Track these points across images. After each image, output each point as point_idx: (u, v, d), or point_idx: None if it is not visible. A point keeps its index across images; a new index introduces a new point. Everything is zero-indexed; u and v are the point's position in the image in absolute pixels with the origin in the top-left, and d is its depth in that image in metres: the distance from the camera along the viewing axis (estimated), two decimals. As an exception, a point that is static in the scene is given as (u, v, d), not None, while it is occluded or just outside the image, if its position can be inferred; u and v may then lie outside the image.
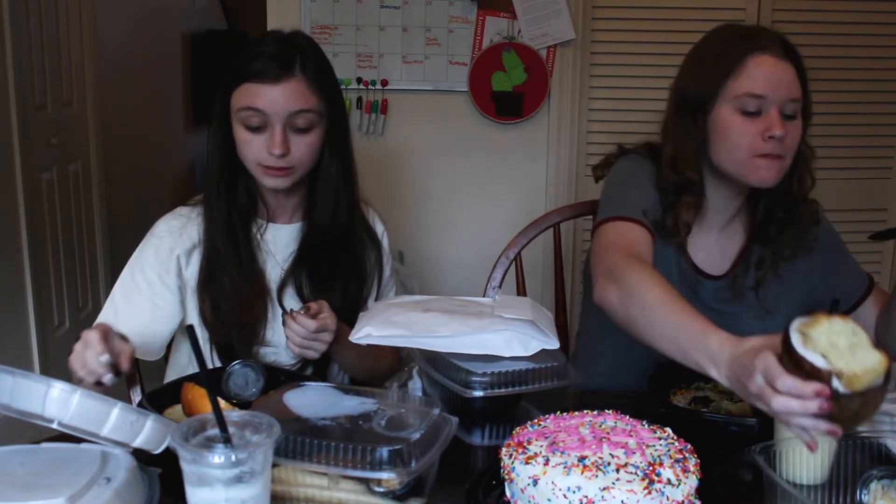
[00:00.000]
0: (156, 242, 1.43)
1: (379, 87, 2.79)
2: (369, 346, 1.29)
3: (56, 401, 0.89)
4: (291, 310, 1.32)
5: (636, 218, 1.36)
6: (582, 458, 0.87)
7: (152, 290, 1.40)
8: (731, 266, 1.48)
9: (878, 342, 1.51)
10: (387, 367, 1.48)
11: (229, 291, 1.40)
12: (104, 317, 1.40)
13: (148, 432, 0.93)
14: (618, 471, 0.85)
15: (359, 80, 2.78)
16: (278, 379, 1.20)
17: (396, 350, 1.53)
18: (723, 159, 1.38)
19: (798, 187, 1.43)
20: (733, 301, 1.46)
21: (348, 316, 1.40)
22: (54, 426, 0.90)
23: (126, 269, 1.44)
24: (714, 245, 1.48)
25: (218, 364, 1.39)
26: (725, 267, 1.48)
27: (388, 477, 0.90)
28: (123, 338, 1.18)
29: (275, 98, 1.31)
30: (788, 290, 1.49)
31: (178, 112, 5.23)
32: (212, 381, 0.95)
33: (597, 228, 1.40)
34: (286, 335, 1.31)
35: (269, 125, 1.33)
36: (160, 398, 1.16)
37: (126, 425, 0.92)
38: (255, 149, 1.35)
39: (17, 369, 0.91)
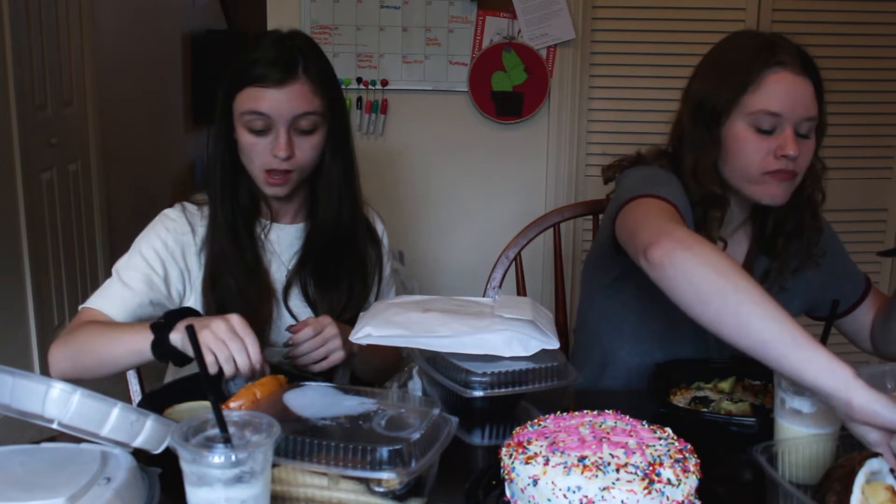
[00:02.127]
0: (167, 228, 1.41)
1: (379, 87, 2.79)
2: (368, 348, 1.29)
3: (56, 401, 0.89)
4: (284, 344, 1.32)
5: (677, 206, 1.27)
6: (582, 458, 0.87)
7: (153, 271, 1.38)
8: None
9: (874, 345, 1.51)
10: (392, 363, 1.49)
11: (235, 293, 1.39)
12: (103, 290, 1.38)
13: (148, 432, 0.93)
14: (618, 471, 0.85)
15: (359, 80, 2.78)
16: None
17: (397, 347, 1.53)
18: (733, 174, 1.37)
19: (808, 202, 1.42)
20: None
21: (353, 315, 1.40)
22: (54, 426, 0.90)
23: (132, 248, 1.41)
24: None
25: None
26: None
27: (388, 477, 0.90)
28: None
29: (279, 101, 1.31)
30: (791, 298, 1.48)
31: (178, 112, 5.24)
32: (211, 381, 0.95)
33: (630, 202, 1.29)
34: (303, 363, 1.30)
35: (274, 128, 1.33)
36: (160, 398, 1.17)
37: (126, 425, 0.91)
38: (259, 152, 1.35)
39: (17, 370, 0.91)
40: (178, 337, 1.15)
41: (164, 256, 1.39)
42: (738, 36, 1.41)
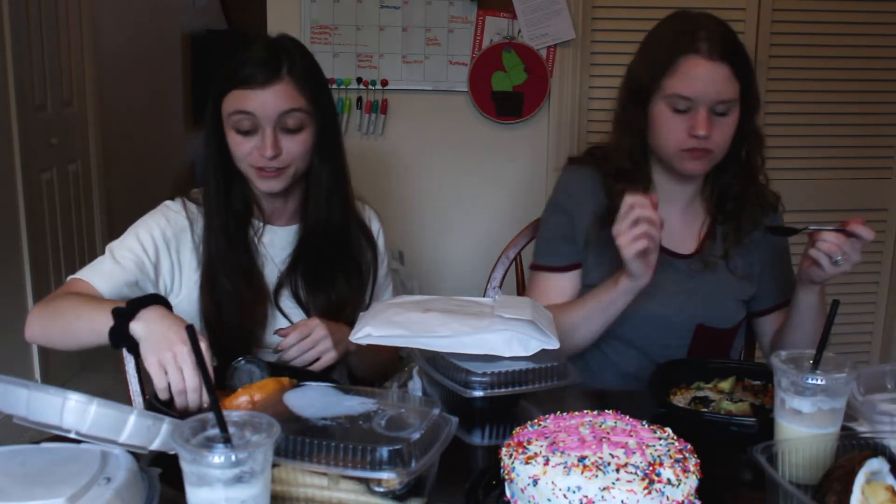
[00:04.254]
0: (170, 222, 1.42)
1: (379, 87, 2.79)
2: (366, 350, 1.31)
3: (73, 411, 0.90)
4: (274, 350, 1.34)
5: (553, 266, 1.56)
6: (582, 458, 0.87)
7: (146, 255, 1.39)
8: (700, 242, 1.55)
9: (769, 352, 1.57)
10: (388, 360, 1.49)
11: (230, 295, 1.40)
12: (93, 264, 1.38)
13: (164, 436, 0.94)
14: (618, 471, 0.85)
15: (359, 80, 2.78)
16: (281, 375, 1.20)
17: (390, 349, 1.54)
18: (658, 149, 1.48)
19: (748, 169, 1.52)
20: (704, 272, 1.53)
21: (346, 316, 1.41)
22: (72, 435, 0.91)
23: (129, 232, 1.42)
24: (678, 226, 1.54)
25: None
26: (693, 245, 1.55)
27: (388, 477, 0.90)
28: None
29: (264, 101, 1.33)
30: (749, 253, 1.56)
31: (178, 112, 5.24)
32: (211, 381, 0.95)
33: (532, 269, 1.61)
34: (296, 364, 1.32)
35: (260, 127, 1.34)
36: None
37: (143, 430, 0.93)
38: (246, 151, 1.36)
39: (32, 382, 0.93)
40: (139, 326, 1.13)
41: (158, 244, 1.40)
42: (670, 18, 1.52)
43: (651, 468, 0.85)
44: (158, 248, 1.40)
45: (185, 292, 1.42)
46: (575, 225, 1.55)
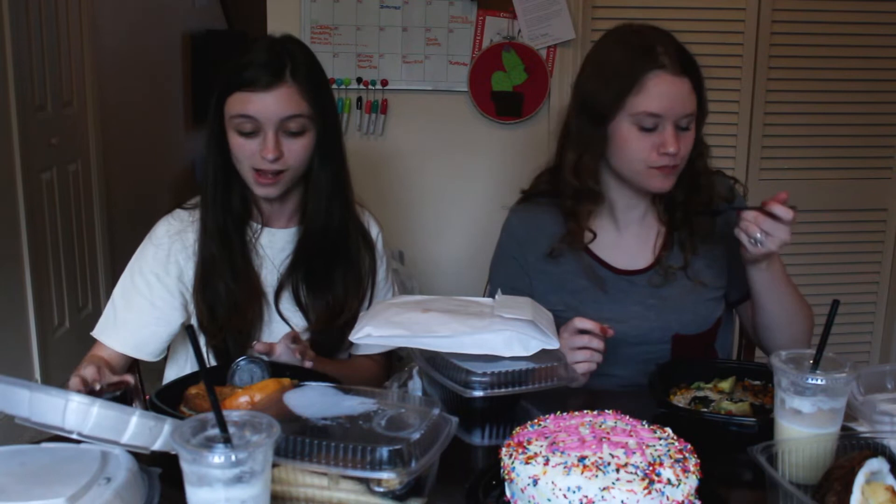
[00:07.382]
0: (155, 244, 1.44)
1: (379, 87, 2.79)
2: (345, 372, 1.37)
3: (75, 412, 0.91)
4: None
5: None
6: (582, 458, 0.87)
7: (151, 292, 1.41)
8: (657, 255, 1.53)
9: (752, 336, 1.56)
10: (373, 379, 1.50)
11: (224, 296, 1.41)
12: (104, 320, 1.42)
13: (166, 436, 0.95)
14: (618, 471, 0.85)
15: (359, 80, 2.78)
16: (283, 375, 1.20)
17: (379, 366, 1.54)
18: (622, 168, 1.45)
19: (691, 175, 1.47)
20: (665, 285, 1.50)
21: (345, 321, 1.41)
22: (74, 436, 0.91)
23: (126, 272, 1.45)
24: (633, 242, 1.54)
25: (214, 364, 1.40)
26: (650, 257, 1.53)
27: (388, 477, 0.90)
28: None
29: (266, 104, 1.33)
30: (712, 250, 1.53)
31: (178, 112, 5.23)
32: (210, 381, 0.95)
33: None
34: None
35: (262, 130, 1.34)
36: (169, 395, 1.17)
37: (145, 431, 0.93)
38: (248, 153, 1.36)
39: (34, 383, 0.93)
40: None
41: (148, 277, 1.42)
42: (620, 33, 1.49)
43: (651, 468, 0.85)
44: (150, 284, 1.42)
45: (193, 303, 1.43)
46: (527, 269, 1.55)
